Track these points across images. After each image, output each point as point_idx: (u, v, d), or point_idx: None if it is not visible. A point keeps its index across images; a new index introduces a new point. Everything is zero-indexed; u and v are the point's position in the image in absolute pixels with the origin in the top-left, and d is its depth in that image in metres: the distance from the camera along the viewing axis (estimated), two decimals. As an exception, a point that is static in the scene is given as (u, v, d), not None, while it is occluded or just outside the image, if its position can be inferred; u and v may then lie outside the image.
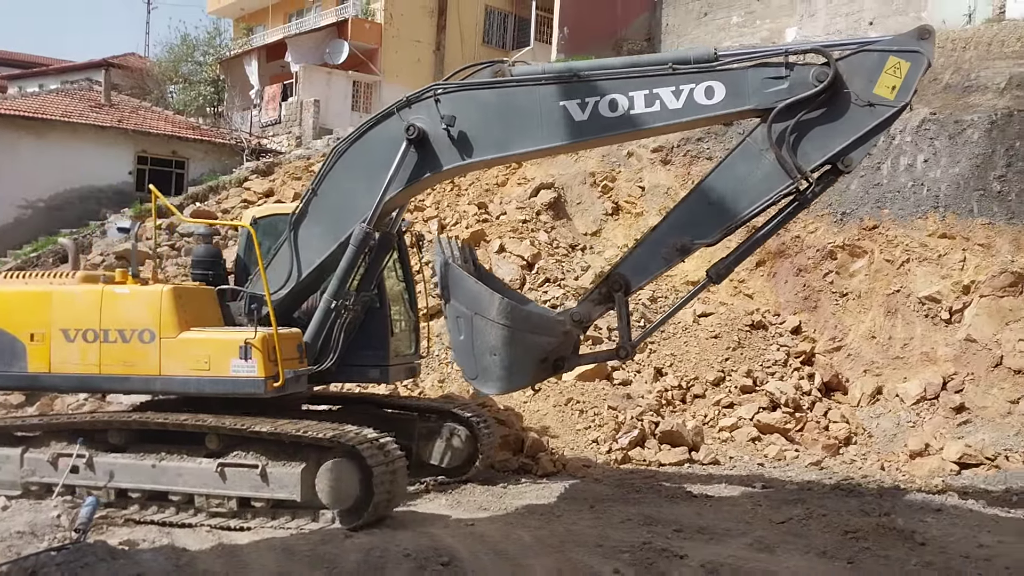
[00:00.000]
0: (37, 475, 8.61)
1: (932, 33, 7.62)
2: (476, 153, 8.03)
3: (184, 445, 8.25)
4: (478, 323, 7.62)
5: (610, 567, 5.95)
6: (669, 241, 7.81)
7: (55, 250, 19.30)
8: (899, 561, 6.44)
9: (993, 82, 17.51)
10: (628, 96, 7.64)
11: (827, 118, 7.40)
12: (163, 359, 8.18)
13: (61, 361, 8.41)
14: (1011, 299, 13.25)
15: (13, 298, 8.67)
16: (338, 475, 7.56)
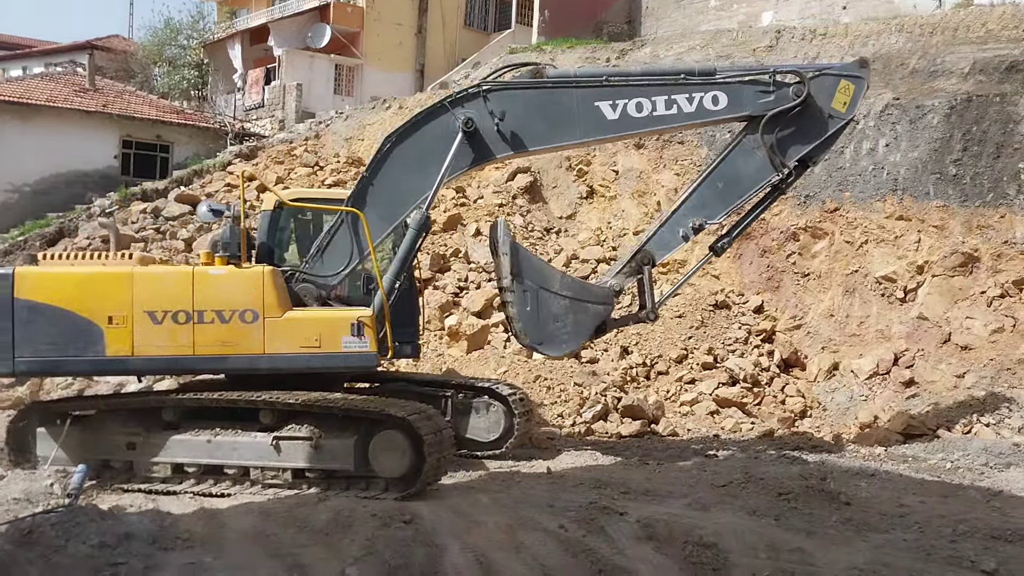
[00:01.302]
0: (95, 451, 8.79)
1: (868, 63, 9.97)
2: (521, 145, 9.20)
3: (237, 421, 8.49)
4: (543, 295, 9.06)
5: (556, 523, 6.56)
6: (686, 222, 9.65)
7: (42, 234, 19.68)
8: (821, 518, 7.06)
9: (958, 67, 18.08)
10: (651, 100, 9.24)
11: (801, 125, 9.46)
12: (268, 338, 8.44)
13: (146, 344, 8.31)
14: (961, 279, 13.89)
15: (86, 281, 8.45)
16: (391, 446, 7.88)
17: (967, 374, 12.70)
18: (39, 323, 8.15)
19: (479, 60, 27.31)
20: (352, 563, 5.79)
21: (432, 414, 8.27)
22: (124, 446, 8.71)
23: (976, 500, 8.02)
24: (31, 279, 8.26)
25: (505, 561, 5.76)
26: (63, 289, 8.31)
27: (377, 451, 7.94)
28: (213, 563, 5.92)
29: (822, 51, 20.46)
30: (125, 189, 21.07)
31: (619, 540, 6.21)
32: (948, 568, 5.79)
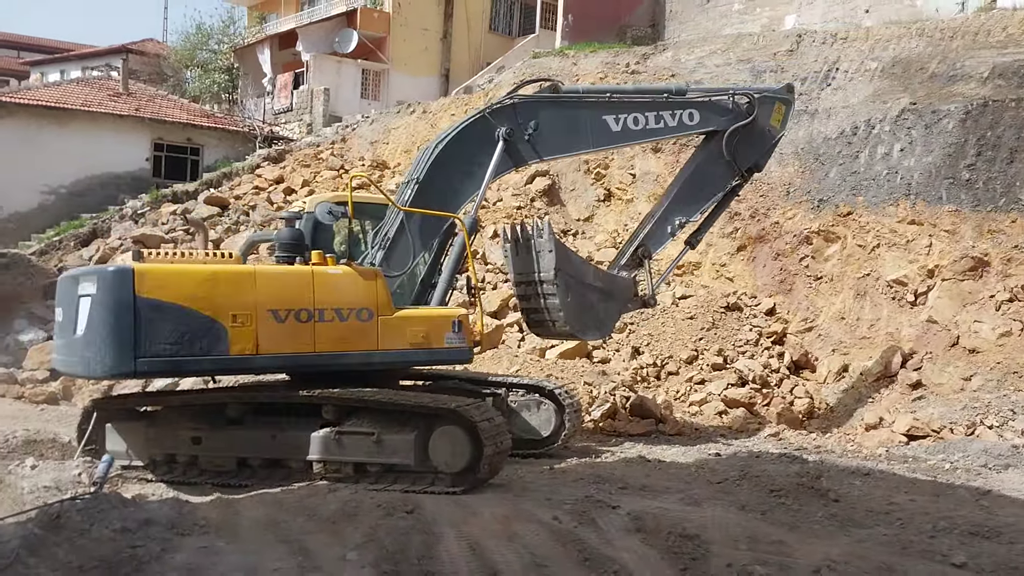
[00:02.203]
0: (161, 447, 9.08)
1: (794, 89, 12.52)
2: (545, 153, 10.25)
3: (299, 416, 8.65)
4: (579, 287, 9.94)
5: (550, 515, 6.89)
6: (671, 219, 11.22)
7: (76, 234, 20.37)
8: (807, 513, 7.32)
9: (977, 71, 18.17)
10: (645, 115, 10.62)
11: (751, 138, 11.33)
12: (381, 335, 8.75)
13: (269, 342, 8.27)
14: (971, 282, 14.03)
15: (209, 279, 8.25)
16: (451, 441, 8.04)
17: (974, 377, 12.85)
18: (161, 322, 7.84)
19: (503, 64, 27.71)
20: (353, 548, 6.16)
21: (490, 410, 8.44)
22: (189, 441, 8.90)
23: (965, 499, 8.22)
24: (153, 276, 7.95)
25: (497, 548, 6.10)
26: (186, 287, 8.05)
27: (437, 446, 8.11)
28: (225, 547, 6.31)
29: (842, 55, 20.60)
30: (156, 191, 21.75)
31: (608, 531, 6.53)
32: (920, 561, 6.05)
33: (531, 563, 5.85)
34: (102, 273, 8.00)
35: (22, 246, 20.76)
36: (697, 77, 21.56)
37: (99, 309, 7.82)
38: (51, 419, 12.50)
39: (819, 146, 17.72)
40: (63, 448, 9.93)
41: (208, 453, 8.87)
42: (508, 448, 8.35)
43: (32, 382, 14.54)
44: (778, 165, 17.83)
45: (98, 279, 7.89)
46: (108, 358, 7.84)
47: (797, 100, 19.52)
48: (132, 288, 7.75)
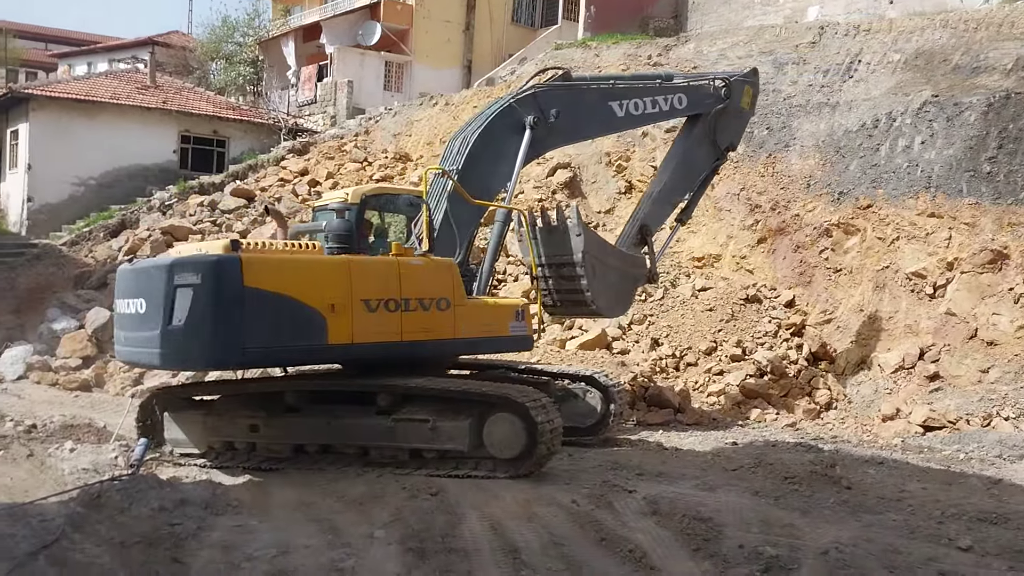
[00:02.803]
0: (219, 434, 9.21)
1: (758, 72, 13.25)
2: (565, 140, 11.01)
3: (355, 404, 8.71)
4: (602, 268, 10.38)
5: (569, 498, 7.14)
6: (668, 199, 12.01)
7: (105, 225, 20.77)
8: (819, 499, 7.52)
9: (1000, 63, 18.15)
10: (643, 100, 11.22)
11: (727, 120, 12.20)
12: (457, 324, 8.98)
13: (363, 331, 8.34)
14: (990, 275, 14.10)
15: (309, 269, 8.33)
16: (505, 428, 8.06)
17: (991, 369, 12.95)
18: (265, 311, 7.80)
19: (525, 56, 27.86)
20: (380, 527, 6.44)
21: (543, 398, 8.50)
22: (247, 428, 9.02)
23: (977, 487, 8.39)
24: (258, 266, 7.90)
25: (517, 528, 6.35)
26: (288, 277, 8.04)
27: (492, 433, 8.15)
28: (258, 526, 6.61)
29: (865, 47, 20.60)
30: (183, 183, 22.11)
31: (624, 514, 6.77)
32: (926, 544, 6.24)
33: (549, 542, 6.10)
34: (207, 263, 7.82)
35: (53, 237, 21.21)
36: (720, 68, 21.62)
37: (205, 299, 7.66)
38: (85, 405, 12.89)
39: (840, 139, 17.78)
40: (99, 432, 10.30)
41: (265, 440, 8.97)
42: (560, 436, 8.41)
43: (66, 369, 14.94)
44: (799, 158, 17.94)
45: (203, 269, 7.74)
46: (215, 348, 7.78)
47: (819, 92, 19.75)
48: (240, 278, 7.70)
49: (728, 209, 17.66)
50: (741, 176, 18.05)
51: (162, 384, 12.86)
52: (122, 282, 8.79)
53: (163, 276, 7.96)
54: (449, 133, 22.83)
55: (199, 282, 7.67)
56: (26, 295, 18.04)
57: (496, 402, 8.22)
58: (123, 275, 8.86)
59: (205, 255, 8.00)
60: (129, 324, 8.44)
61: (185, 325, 7.69)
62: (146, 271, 8.49)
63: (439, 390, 8.49)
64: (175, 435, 9.47)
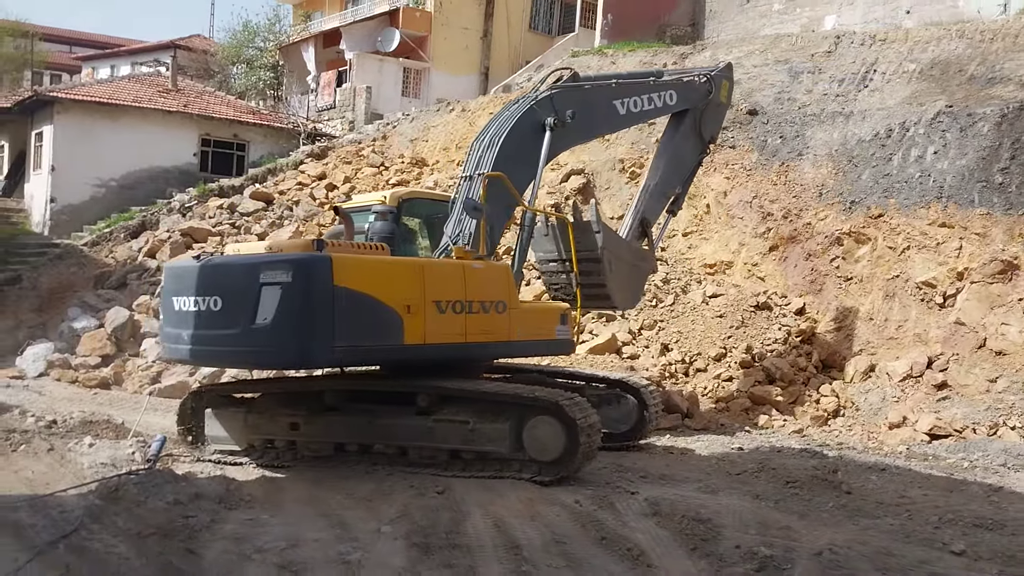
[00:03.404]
0: (259, 432, 9.32)
1: (732, 67, 13.70)
2: (579, 139, 11.26)
3: (394, 404, 8.78)
4: (619, 263, 10.84)
5: (572, 498, 7.32)
6: (663, 192, 12.53)
7: (126, 226, 21.15)
8: (819, 504, 7.66)
9: (1016, 74, 18.18)
10: (641, 98, 11.54)
11: (709, 113, 12.75)
12: (513, 327, 9.13)
13: (434, 332, 8.43)
14: (1000, 285, 14.13)
15: (390, 269, 8.43)
16: (545, 431, 8.14)
17: (999, 378, 12.99)
18: (352, 310, 7.85)
19: (543, 63, 28.07)
20: (387, 523, 6.64)
21: (583, 402, 8.53)
22: (288, 427, 9.12)
23: (977, 495, 8.49)
24: (348, 266, 7.94)
25: (520, 526, 6.53)
26: (374, 277, 8.13)
27: (532, 435, 8.22)
28: (270, 520, 6.83)
29: (881, 56, 20.67)
30: (203, 185, 22.46)
31: (626, 514, 6.94)
32: (920, 548, 6.37)
33: (551, 540, 6.28)
34: (299, 261, 7.84)
35: (75, 237, 21.62)
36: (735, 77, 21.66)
37: (296, 297, 7.66)
38: (104, 402, 13.17)
39: (853, 148, 17.85)
40: (117, 429, 10.53)
41: (305, 438, 9.07)
42: (600, 440, 8.46)
43: (85, 367, 15.25)
44: (812, 166, 18.03)
45: (294, 267, 7.74)
46: (306, 346, 7.76)
47: (834, 101, 19.82)
48: (331, 277, 7.71)
49: (740, 217, 17.78)
50: (754, 184, 18.17)
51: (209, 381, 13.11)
52: (181, 279, 8.60)
53: (247, 274, 7.95)
54: (466, 139, 23.10)
55: (289, 280, 7.66)
56: (48, 294, 18.43)
57: (537, 405, 8.25)
58: (183, 272, 8.67)
59: (293, 255, 8.05)
60: (195, 322, 8.26)
61: (272, 323, 7.67)
62: (225, 268, 8.40)
63: (483, 392, 8.59)
64: (216, 432, 9.59)
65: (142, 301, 16.76)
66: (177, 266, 9.21)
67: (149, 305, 16.61)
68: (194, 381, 14.23)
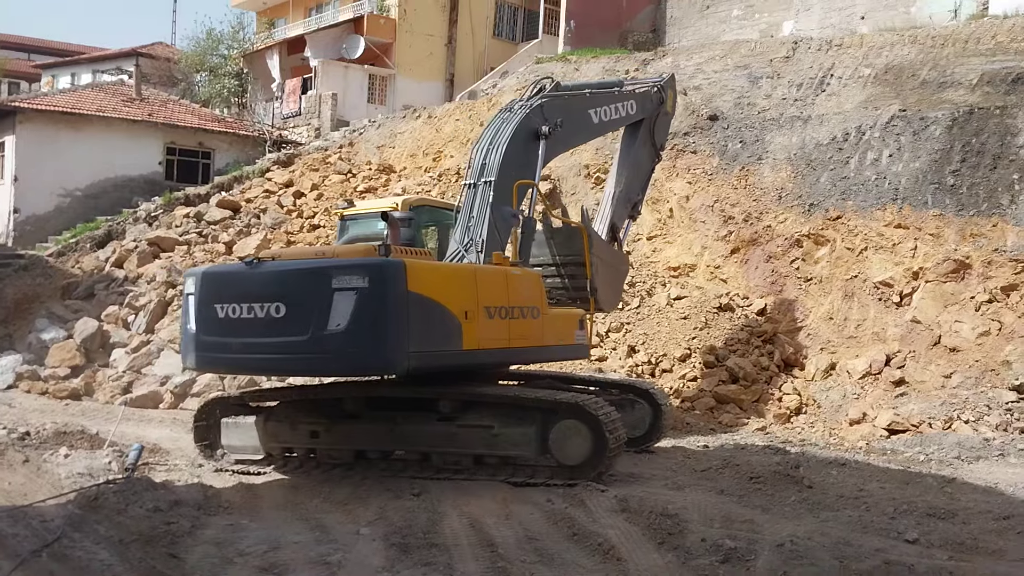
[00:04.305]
0: (278, 440, 9.27)
1: (675, 77, 14.16)
2: (563, 147, 11.37)
3: (416, 410, 8.76)
4: (603, 265, 11.09)
5: (544, 498, 7.57)
6: (627, 198, 12.99)
7: (92, 236, 21.03)
8: (781, 498, 7.97)
9: (966, 78, 18.73)
10: (610, 108, 11.92)
11: (659, 122, 13.31)
12: (545, 332, 9.27)
13: (486, 338, 8.49)
14: (953, 284, 14.62)
15: (452, 276, 8.54)
16: (572, 434, 8.22)
17: (954, 374, 13.45)
18: (423, 316, 7.89)
19: (507, 69, 28.35)
20: (366, 525, 6.83)
21: (608, 406, 8.63)
22: (308, 434, 9.06)
23: (931, 486, 8.86)
24: (419, 271, 7.97)
25: (495, 525, 6.76)
26: (439, 283, 8.21)
27: (558, 439, 8.28)
28: (249, 524, 6.99)
29: (837, 61, 21.17)
30: (169, 194, 22.39)
31: (596, 511, 7.19)
32: (877, 537, 6.68)
33: (525, 538, 6.51)
34: (375, 266, 7.81)
35: (39, 248, 21.44)
36: (696, 83, 22.16)
37: (373, 303, 7.62)
38: (76, 413, 13.17)
39: (811, 152, 18.32)
40: (92, 439, 10.57)
41: (326, 446, 9.03)
42: (624, 444, 8.58)
43: (55, 378, 15.20)
44: (771, 170, 18.46)
45: (370, 273, 7.71)
46: (383, 352, 7.75)
47: (792, 106, 20.29)
48: (406, 282, 7.71)
49: (703, 220, 18.15)
50: (715, 188, 18.55)
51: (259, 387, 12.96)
52: (226, 285, 8.42)
53: (317, 279, 7.85)
54: (432, 145, 23.31)
55: (366, 286, 7.62)
56: (14, 306, 18.28)
57: (563, 409, 8.33)
58: (229, 278, 8.54)
59: (367, 260, 8.01)
60: (249, 330, 8.06)
61: (347, 329, 7.58)
62: (289, 274, 8.22)
63: (509, 396, 8.71)
64: (232, 441, 9.55)
65: (111, 311, 16.73)
66: (218, 271, 8.99)
67: (118, 315, 16.60)
68: (165, 391, 14.29)
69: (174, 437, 11.22)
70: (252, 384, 13.36)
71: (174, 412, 13.72)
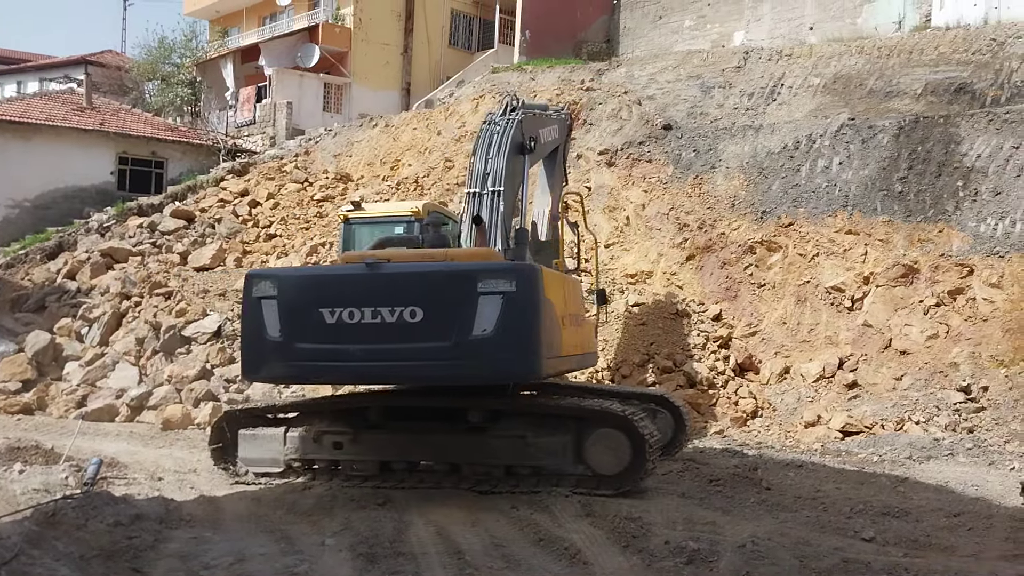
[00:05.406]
0: (300, 452, 9.01)
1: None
2: (531, 163, 11.25)
3: (443, 420, 8.61)
4: None
5: (509, 505, 7.64)
6: (555, 216, 12.97)
7: (42, 247, 20.63)
8: (741, 500, 8.14)
9: (911, 88, 19.26)
10: (551, 129, 12.02)
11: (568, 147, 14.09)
12: (586, 339, 9.24)
13: (569, 344, 8.46)
14: (902, 288, 15.00)
15: (560, 282, 8.53)
16: (610, 444, 8.11)
17: (904, 377, 13.78)
18: (548, 323, 7.83)
19: (463, 79, 28.41)
20: (331, 535, 6.83)
21: (642, 414, 8.57)
22: (331, 446, 8.82)
23: (885, 486, 9.10)
24: (548, 277, 7.94)
25: (461, 533, 6.81)
26: (557, 289, 8.22)
27: (595, 449, 8.16)
28: (213, 537, 6.94)
29: (787, 71, 21.62)
30: (122, 204, 22.08)
31: (561, 517, 7.27)
32: (834, 536, 6.86)
33: (491, 544, 6.57)
34: (522, 270, 7.76)
35: (-12, 259, 20.98)
36: (650, 93, 22.47)
37: (519, 308, 7.47)
38: (28, 428, 12.95)
39: (763, 160, 18.65)
40: (46, 454, 10.42)
41: (350, 458, 8.81)
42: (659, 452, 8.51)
43: (5, 393, 14.90)
44: (724, 178, 18.75)
45: (516, 277, 7.59)
46: (531, 357, 7.59)
47: (744, 115, 20.65)
48: (543, 288, 7.65)
49: (658, 228, 18.37)
50: (670, 196, 18.79)
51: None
52: (340, 288, 8.03)
53: (461, 282, 7.68)
54: (390, 154, 23.29)
55: (513, 290, 7.47)
56: (-39, 319, 17.88)
57: (601, 418, 8.24)
58: (344, 280, 8.16)
59: (512, 264, 8.00)
60: (376, 336, 7.72)
61: (494, 334, 7.43)
62: (428, 276, 7.97)
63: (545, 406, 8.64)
64: (250, 454, 9.26)
65: (63, 323, 16.44)
66: (327, 273, 8.62)
67: (71, 327, 16.32)
68: (121, 404, 14.10)
69: (132, 451, 11.09)
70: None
71: (131, 425, 13.54)
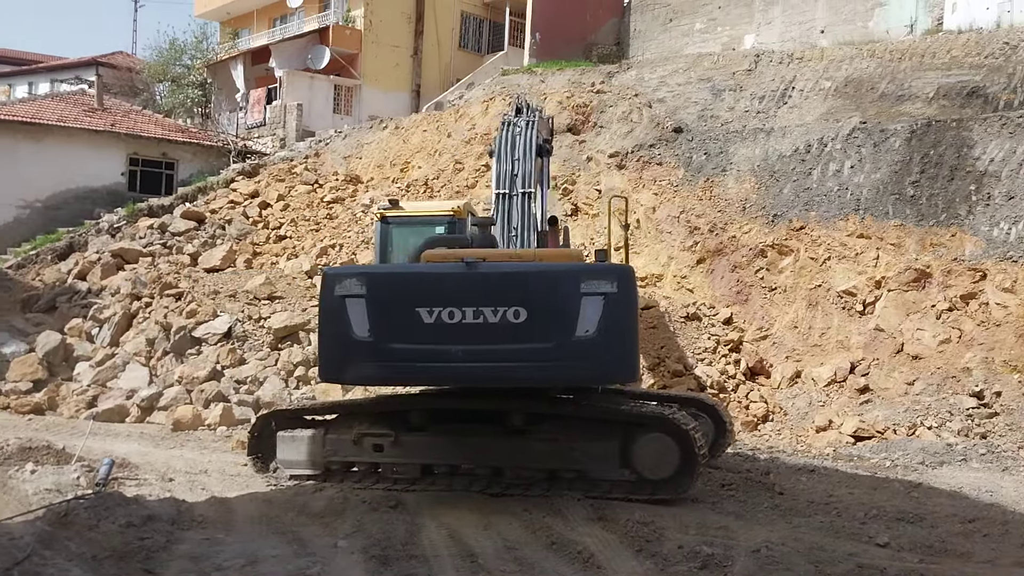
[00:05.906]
0: (339, 455, 8.91)
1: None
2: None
3: (484, 423, 8.48)
4: None
5: (522, 507, 7.61)
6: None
7: (53, 247, 20.69)
8: (753, 504, 8.10)
9: (923, 92, 19.20)
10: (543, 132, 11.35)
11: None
12: None
13: None
14: (914, 293, 14.93)
15: None
16: (660, 450, 7.98)
17: (916, 381, 13.72)
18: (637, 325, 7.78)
19: (473, 81, 28.40)
20: (344, 537, 6.81)
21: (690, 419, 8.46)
22: (371, 449, 8.72)
23: (899, 491, 9.05)
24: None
25: (473, 535, 6.78)
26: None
27: (644, 454, 8.05)
28: (225, 539, 6.93)
29: (798, 74, 21.56)
30: (132, 205, 22.10)
31: (573, 520, 7.25)
32: (848, 542, 6.82)
33: (504, 547, 6.55)
34: (623, 271, 7.72)
35: (-1, 260, 21.05)
36: (660, 95, 22.43)
37: (621, 309, 7.43)
38: (40, 428, 12.95)
39: (774, 163, 18.60)
40: (58, 454, 10.41)
41: (391, 460, 8.71)
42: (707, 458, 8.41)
43: (16, 393, 14.92)
44: (735, 182, 18.71)
45: (618, 277, 7.54)
46: (628, 359, 7.57)
47: (755, 118, 20.60)
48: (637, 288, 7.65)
49: (669, 231, 18.33)
50: (681, 199, 18.76)
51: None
52: (437, 287, 7.88)
53: (564, 282, 7.60)
54: (399, 155, 23.29)
55: (614, 291, 7.40)
56: (-28, 319, 17.93)
57: (650, 423, 8.15)
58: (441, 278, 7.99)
59: (612, 265, 7.97)
60: (478, 336, 7.58)
61: (597, 335, 7.35)
62: (531, 276, 7.88)
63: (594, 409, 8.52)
64: (289, 456, 9.15)
65: (74, 324, 16.46)
66: (425, 271, 8.31)
67: (82, 328, 16.35)
68: (132, 405, 14.11)
69: (143, 451, 11.09)
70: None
71: (141, 426, 13.55)
